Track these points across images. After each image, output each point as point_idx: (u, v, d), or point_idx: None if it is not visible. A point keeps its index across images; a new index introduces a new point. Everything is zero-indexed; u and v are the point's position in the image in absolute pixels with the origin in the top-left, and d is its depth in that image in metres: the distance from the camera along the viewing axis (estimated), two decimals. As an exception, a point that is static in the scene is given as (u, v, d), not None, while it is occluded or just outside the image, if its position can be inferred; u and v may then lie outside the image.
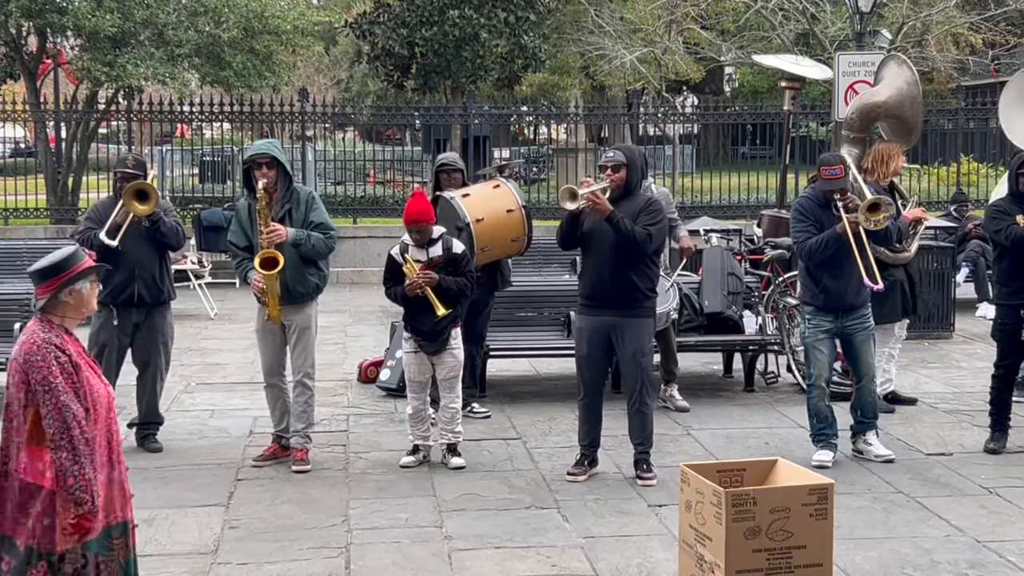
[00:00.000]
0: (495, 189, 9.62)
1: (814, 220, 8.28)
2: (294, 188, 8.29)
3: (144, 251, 8.59)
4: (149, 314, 8.71)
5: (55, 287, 4.88)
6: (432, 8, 26.95)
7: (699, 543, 5.76)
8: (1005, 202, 8.80)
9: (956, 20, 29.09)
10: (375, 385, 10.84)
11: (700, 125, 32.07)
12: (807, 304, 8.43)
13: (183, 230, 8.96)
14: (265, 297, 8.15)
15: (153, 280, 8.65)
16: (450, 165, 9.89)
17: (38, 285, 4.91)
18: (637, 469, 8.05)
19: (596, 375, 8.06)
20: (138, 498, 7.61)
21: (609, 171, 7.89)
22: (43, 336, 4.81)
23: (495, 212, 9.34)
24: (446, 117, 22.63)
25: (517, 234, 9.49)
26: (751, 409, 10.14)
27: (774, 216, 13.77)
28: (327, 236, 8.27)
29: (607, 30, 31.28)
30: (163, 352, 8.86)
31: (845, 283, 8.24)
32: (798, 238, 8.35)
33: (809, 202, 8.43)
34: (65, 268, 4.89)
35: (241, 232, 8.35)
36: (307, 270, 8.25)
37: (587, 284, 7.98)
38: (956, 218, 16.39)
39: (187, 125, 23.92)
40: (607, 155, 8.02)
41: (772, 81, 34.27)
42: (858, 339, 8.39)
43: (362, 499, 7.64)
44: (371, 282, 17.11)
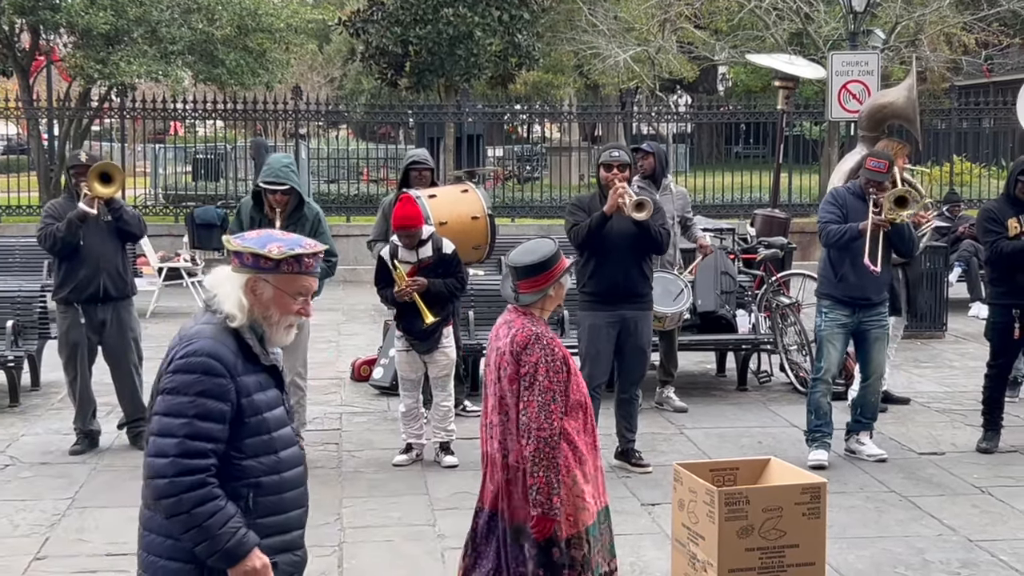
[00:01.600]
0: (463, 193, 9.55)
1: (842, 206, 8.30)
2: (303, 211, 8.27)
3: (107, 245, 8.57)
4: (115, 310, 8.67)
5: (547, 282, 4.95)
6: (426, 6, 26.93)
7: (692, 542, 5.76)
8: (998, 205, 8.79)
9: (949, 20, 29.13)
10: (368, 383, 10.83)
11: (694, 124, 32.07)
12: (824, 296, 8.40)
13: (143, 219, 8.94)
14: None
15: (118, 273, 8.63)
16: (420, 163, 9.75)
17: (526, 279, 4.96)
18: (632, 458, 8.10)
19: (603, 370, 8.08)
20: (131, 496, 7.60)
21: (616, 170, 7.90)
22: (534, 330, 4.87)
23: (460, 217, 9.26)
24: (440, 115, 22.63)
25: (479, 242, 9.42)
26: (744, 408, 10.14)
27: (767, 215, 13.78)
28: (329, 264, 8.22)
29: (601, 29, 31.29)
30: (134, 347, 8.83)
31: (865, 277, 8.20)
32: (822, 218, 8.35)
33: (845, 190, 8.49)
34: (555, 263, 4.97)
35: (240, 231, 8.31)
36: None
37: (602, 281, 7.96)
38: (949, 218, 16.40)
39: (180, 123, 23.87)
40: (612, 154, 7.96)
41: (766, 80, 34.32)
42: (872, 336, 8.37)
43: (355, 497, 7.63)
44: (364, 280, 17.08)
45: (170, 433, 3.66)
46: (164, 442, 3.66)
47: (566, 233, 8.07)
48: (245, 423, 3.74)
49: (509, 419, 4.85)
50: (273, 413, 3.82)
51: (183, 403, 3.66)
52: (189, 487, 3.63)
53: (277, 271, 3.78)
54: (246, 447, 3.74)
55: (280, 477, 3.81)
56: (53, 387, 10.67)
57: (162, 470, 3.64)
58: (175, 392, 3.68)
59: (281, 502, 3.82)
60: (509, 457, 4.86)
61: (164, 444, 3.66)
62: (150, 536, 3.82)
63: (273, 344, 3.87)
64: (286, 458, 3.83)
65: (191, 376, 3.68)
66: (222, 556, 3.66)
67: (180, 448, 3.64)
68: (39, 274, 13.82)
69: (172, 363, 3.73)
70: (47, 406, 10.15)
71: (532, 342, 4.81)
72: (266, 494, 3.77)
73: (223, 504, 3.66)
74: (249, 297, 3.78)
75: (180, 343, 3.76)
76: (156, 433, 3.69)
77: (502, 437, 4.89)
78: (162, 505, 3.68)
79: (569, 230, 8.00)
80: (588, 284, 8.04)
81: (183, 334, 3.80)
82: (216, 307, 3.80)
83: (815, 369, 8.55)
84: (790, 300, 11.19)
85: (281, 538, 3.82)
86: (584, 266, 8.05)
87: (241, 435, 3.73)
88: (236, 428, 3.72)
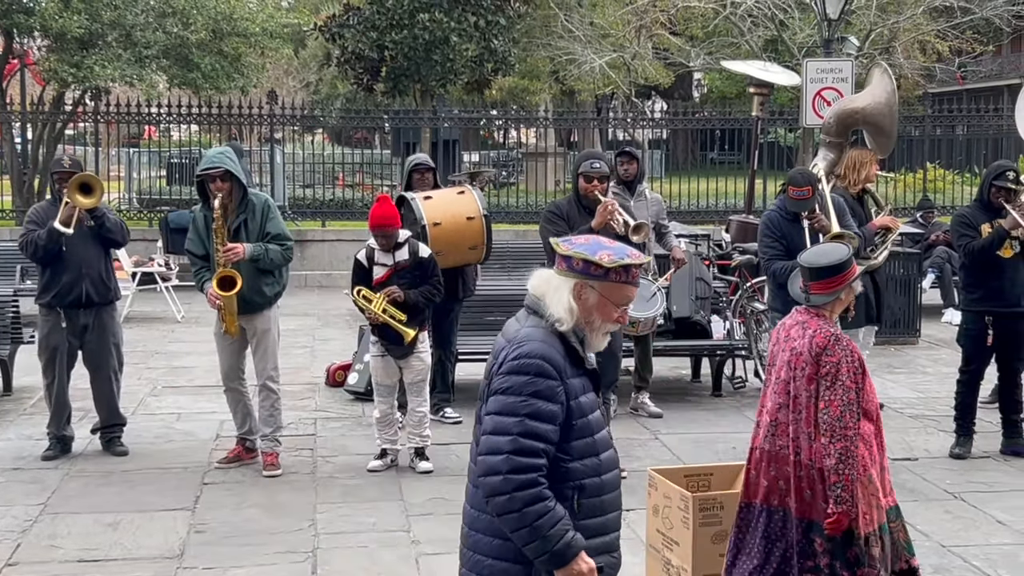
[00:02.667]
0: (459, 195, 9.58)
1: (781, 235, 8.30)
2: (249, 198, 8.21)
3: (90, 250, 8.52)
4: (98, 315, 8.63)
5: (840, 284, 5.14)
6: (402, 11, 26.94)
7: (666, 547, 5.77)
8: (972, 211, 8.84)
9: (923, 28, 29.33)
10: (343, 389, 10.80)
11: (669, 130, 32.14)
12: (777, 311, 8.46)
13: (126, 226, 8.90)
14: (222, 312, 8.11)
15: (100, 279, 8.58)
16: (423, 165, 9.88)
17: (820, 281, 5.15)
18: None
19: None
20: (103, 501, 7.60)
21: (596, 181, 7.92)
22: (832, 331, 5.06)
23: (454, 217, 9.28)
24: (415, 120, 22.62)
25: (475, 242, 9.43)
26: (719, 414, 10.16)
27: (742, 221, 13.82)
28: (284, 248, 8.20)
29: (577, 35, 31.36)
30: (115, 353, 8.78)
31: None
32: (764, 254, 8.38)
33: (777, 216, 8.44)
34: (848, 267, 5.16)
35: (198, 241, 8.24)
36: (264, 280, 8.20)
37: None
38: (922, 224, 16.50)
39: (155, 127, 23.77)
40: (594, 165, 7.95)
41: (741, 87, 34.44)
42: None
43: (329, 503, 7.61)
44: (339, 285, 17.05)
45: (504, 431, 3.70)
46: (498, 440, 3.71)
47: (545, 240, 8.02)
48: (572, 425, 3.79)
49: (802, 418, 5.06)
50: (595, 415, 3.88)
51: (516, 403, 3.71)
52: (521, 485, 3.67)
53: (605, 279, 3.83)
54: (573, 449, 3.79)
55: (601, 480, 3.86)
56: (26, 392, 10.61)
57: (496, 467, 3.68)
58: (508, 392, 3.73)
59: (602, 504, 3.86)
60: (802, 455, 5.06)
61: (498, 442, 3.70)
62: (476, 535, 3.88)
63: (591, 349, 3.94)
64: (605, 460, 3.88)
65: (524, 377, 3.73)
66: (551, 558, 3.69)
67: (514, 446, 3.68)
68: (11, 278, 13.75)
69: (503, 364, 3.78)
70: (19, 411, 10.09)
71: (832, 343, 5.02)
72: (588, 496, 3.82)
73: (552, 505, 3.69)
74: (576, 302, 3.83)
75: (509, 345, 3.81)
76: (490, 431, 3.74)
77: (795, 435, 5.09)
78: (494, 503, 3.71)
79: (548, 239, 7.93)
80: None
81: (510, 336, 3.85)
82: (542, 310, 3.85)
83: None
84: (764, 306, 11.21)
85: (602, 539, 3.86)
86: None
87: (568, 437, 3.78)
88: (564, 430, 3.77)
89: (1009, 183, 8.56)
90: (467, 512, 3.94)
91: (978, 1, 30.04)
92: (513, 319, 3.98)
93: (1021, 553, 6.77)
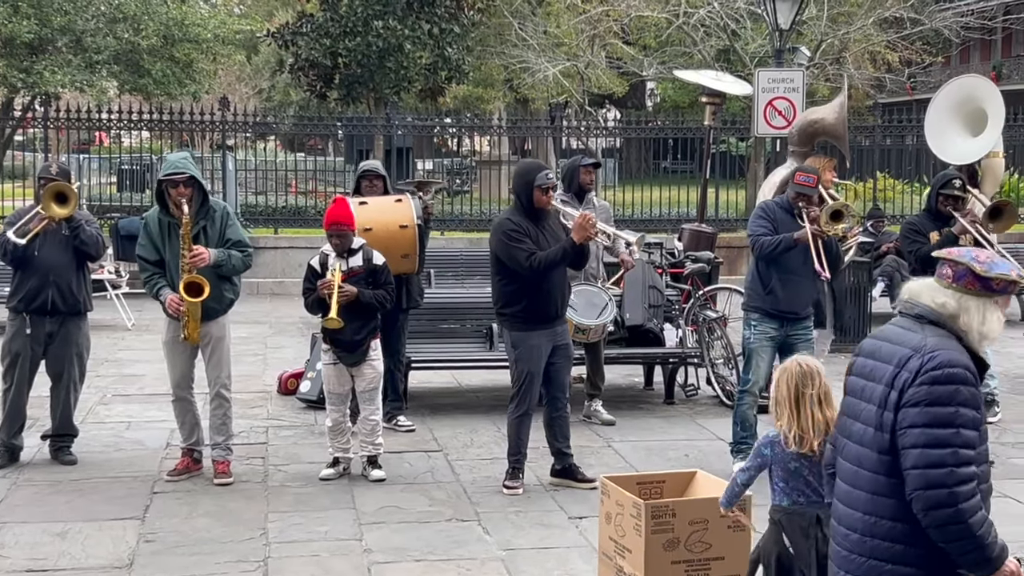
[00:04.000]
0: (396, 203, 9.52)
1: (772, 220, 8.39)
2: (210, 204, 8.16)
3: (61, 258, 8.44)
4: (63, 324, 8.54)
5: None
6: (356, 18, 26.87)
7: (619, 555, 5.77)
8: (921, 219, 8.96)
9: (873, 38, 29.62)
10: (295, 397, 10.75)
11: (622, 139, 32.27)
12: (753, 309, 8.48)
13: (103, 240, 8.81)
14: (184, 319, 8.03)
15: (69, 288, 8.48)
16: (372, 172, 9.84)
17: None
18: (576, 475, 8.12)
19: (539, 388, 8.08)
20: (52, 511, 7.52)
21: (550, 192, 7.97)
22: None
23: (386, 225, 9.20)
24: (369, 128, 22.57)
25: (407, 251, 9.35)
26: (671, 421, 10.20)
27: (695, 230, 13.89)
28: (245, 254, 8.17)
29: (531, 43, 31.42)
30: (77, 363, 8.69)
31: (793, 290, 8.33)
32: (754, 231, 8.42)
33: (774, 204, 8.57)
34: None
35: (151, 246, 8.12)
36: (223, 287, 8.16)
37: (542, 301, 7.89)
38: (872, 233, 16.63)
39: (105, 133, 23.59)
40: (548, 176, 7.94)
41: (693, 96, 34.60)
42: (799, 349, 8.46)
43: (281, 512, 7.57)
44: (292, 293, 16.97)
45: (944, 443, 3.76)
46: (938, 453, 3.76)
47: (520, 260, 7.75)
48: (978, 431, 3.86)
49: None
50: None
51: (947, 414, 3.78)
52: (966, 497, 3.75)
53: (1003, 293, 3.96)
54: (981, 454, 3.88)
55: (988, 485, 3.95)
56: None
57: (940, 480, 3.74)
58: (935, 403, 3.79)
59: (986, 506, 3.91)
60: None
61: (940, 455, 3.76)
62: (874, 541, 3.94)
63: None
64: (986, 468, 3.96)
65: (949, 387, 3.79)
66: (986, 563, 3.80)
67: (955, 458, 3.75)
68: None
69: (919, 375, 3.83)
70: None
71: None
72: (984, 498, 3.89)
73: (986, 512, 3.80)
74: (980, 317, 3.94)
75: (919, 355, 3.87)
76: (924, 445, 3.78)
77: None
78: (936, 515, 3.77)
79: (525, 259, 7.73)
80: (528, 307, 7.90)
81: (915, 346, 3.90)
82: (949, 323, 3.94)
83: (743, 381, 8.62)
84: (717, 314, 11.28)
85: None
86: (521, 290, 7.89)
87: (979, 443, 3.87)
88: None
89: (955, 191, 8.68)
90: (855, 518, 4.00)
91: (927, 12, 30.41)
92: (896, 327, 4.06)
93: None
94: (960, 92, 11.16)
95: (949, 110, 10.96)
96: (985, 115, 10.79)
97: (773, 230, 8.33)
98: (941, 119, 10.97)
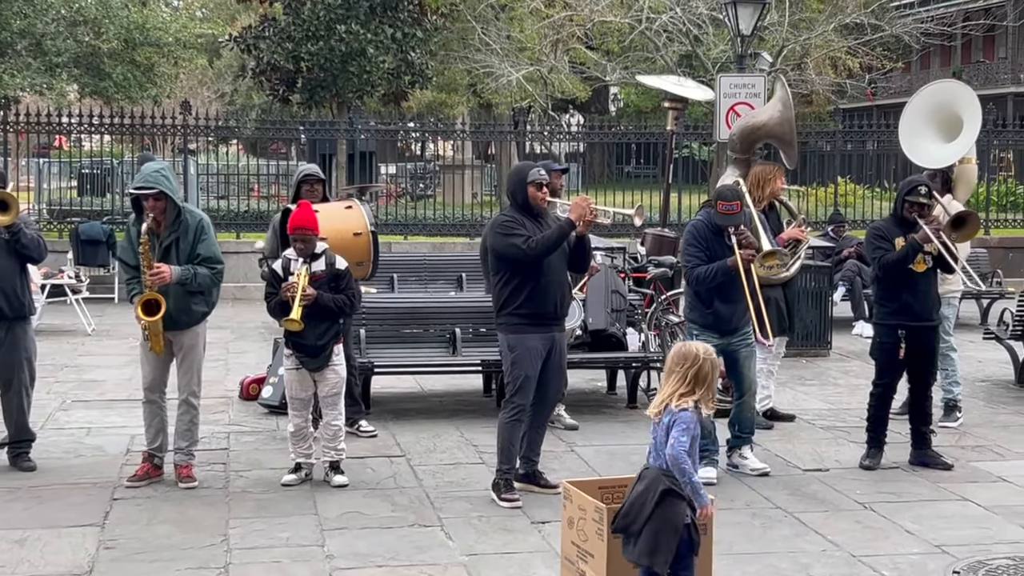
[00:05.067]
0: (346, 210, 9.48)
1: (705, 246, 8.39)
2: (183, 217, 8.10)
3: (4, 263, 8.37)
4: (10, 329, 8.46)
5: None
6: (319, 23, 26.82)
7: (581, 559, 5.78)
8: (886, 225, 8.97)
9: (834, 44, 29.83)
10: (257, 402, 10.70)
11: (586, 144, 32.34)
12: (692, 322, 8.54)
13: (44, 243, 8.74)
14: (147, 333, 8.00)
15: (14, 292, 8.42)
16: (312, 176, 9.76)
17: None
18: (540, 480, 8.09)
19: (532, 394, 7.94)
20: (10, 518, 7.45)
21: (545, 188, 7.93)
22: None
23: (340, 233, 9.15)
24: (332, 132, 22.51)
25: (361, 258, 9.32)
26: (634, 426, 10.21)
27: (657, 235, 13.92)
28: (213, 272, 8.09)
29: (494, 48, 31.45)
30: (27, 367, 8.61)
31: (733, 308, 8.39)
32: (688, 263, 8.44)
33: (703, 226, 8.53)
34: None
35: (131, 251, 8.14)
36: (192, 300, 8.10)
37: (540, 302, 7.77)
38: (833, 238, 16.75)
39: (65, 137, 23.42)
40: (541, 172, 7.88)
41: (656, 101, 34.76)
42: (742, 355, 8.53)
43: (242, 518, 7.52)
44: (254, 298, 16.91)
45: None
46: None
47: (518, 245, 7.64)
48: None
49: None
50: None
51: None
52: None
53: None
54: None
55: None
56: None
57: None
58: None
59: None
60: None
61: None
62: None
63: None
64: None
65: None
66: None
67: None
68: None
69: None
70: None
71: None
72: None
73: None
74: None
75: None
76: None
77: None
78: None
79: (523, 242, 7.63)
80: (526, 306, 7.77)
81: None
82: None
83: None
84: (679, 318, 11.31)
85: None
86: (519, 287, 7.78)
87: None
88: None
89: (921, 198, 8.70)
90: None
91: (887, 19, 30.65)
92: None
93: (929, 562, 6.88)
94: (936, 97, 11.16)
95: (924, 114, 10.97)
96: (960, 120, 10.81)
97: (707, 257, 8.35)
98: (916, 123, 10.99)
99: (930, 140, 10.87)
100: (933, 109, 10.98)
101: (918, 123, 10.98)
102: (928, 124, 10.92)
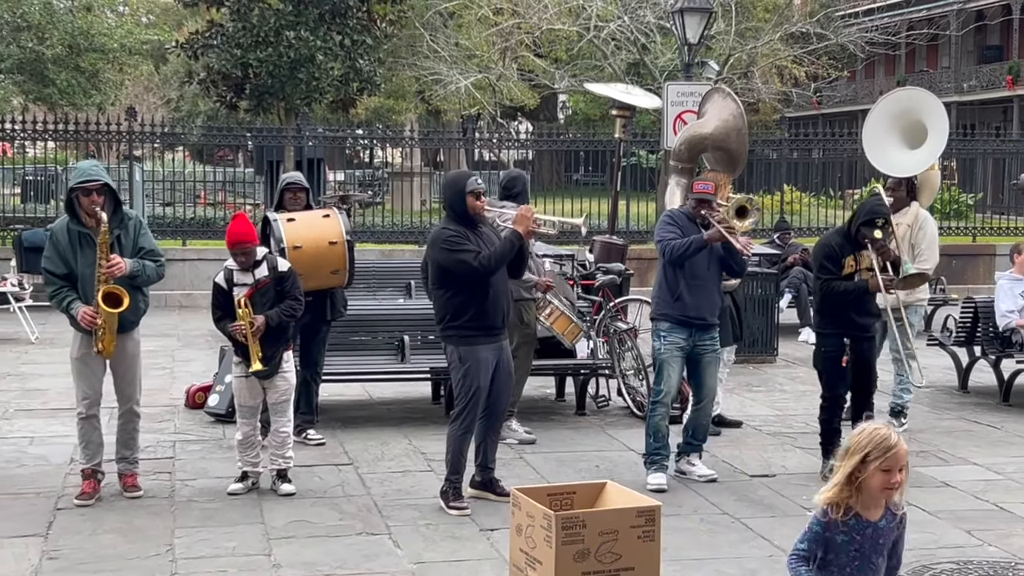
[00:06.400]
0: (324, 219, 9.49)
1: (680, 226, 8.46)
2: (123, 212, 8.02)
3: None
4: None
5: None
6: (267, 29, 26.70)
7: (529, 567, 5.77)
8: (838, 241, 8.86)
9: (781, 53, 30.06)
10: (203, 411, 10.62)
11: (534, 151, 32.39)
12: (661, 318, 8.50)
13: None
14: (101, 332, 7.83)
15: None
16: (296, 184, 9.76)
17: None
18: (496, 488, 8.05)
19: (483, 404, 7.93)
20: (-50, 530, 7.34)
21: (483, 196, 7.92)
22: None
23: (316, 242, 9.18)
24: (279, 139, 22.40)
25: (337, 267, 9.33)
26: (582, 432, 10.23)
27: (606, 242, 13.97)
28: (158, 264, 8.03)
29: (442, 55, 31.44)
30: None
31: (700, 296, 8.40)
32: (663, 237, 8.43)
33: (680, 212, 8.67)
34: None
35: (59, 259, 7.86)
36: (137, 297, 8.01)
37: (489, 309, 7.74)
38: (779, 245, 16.86)
39: (9, 143, 23.15)
40: (479, 181, 7.90)
41: (604, 109, 34.88)
42: (706, 360, 8.54)
43: (188, 527, 7.46)
44: (200, 305, 16.78)
45: None
46: None
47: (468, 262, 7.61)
48: None
49: None
50: None
51: None
52: None
53: None
54: None
55: None
56: None
57: None
58: None
59: None
60: None
61: None
62: None
63: None
64: None
65: None
66: None
67: None
68: None
69: None
70: None
71: None
72: None
73: None
74: None
75: None
76: None
77: None
78: None
79: (474, 259, 7.60)
80: (477, 318, 7.74)
81: None
82: None
83: (655, 392, 8.65)
84: (627, 325, 11.34)
85: None
86: (469, 299, 7.73)
87: None
88: None
89: (874, 234, 8.63)
90: None
91: (833, 28, 30.93)
92: None
93: (874, 566, 6.93)
94: (899, 104, 11.20)
95: (887, 122, 10.97)
96: (924, 128, 10.82)
97: (681, 235, 8.41)
98: (878, 131, 11.00)
99: (894, 148, 10.87)
100: (895, 116, 11.00)
101: (880, 131, 10.97)
102: (891, 132, 10.92)
